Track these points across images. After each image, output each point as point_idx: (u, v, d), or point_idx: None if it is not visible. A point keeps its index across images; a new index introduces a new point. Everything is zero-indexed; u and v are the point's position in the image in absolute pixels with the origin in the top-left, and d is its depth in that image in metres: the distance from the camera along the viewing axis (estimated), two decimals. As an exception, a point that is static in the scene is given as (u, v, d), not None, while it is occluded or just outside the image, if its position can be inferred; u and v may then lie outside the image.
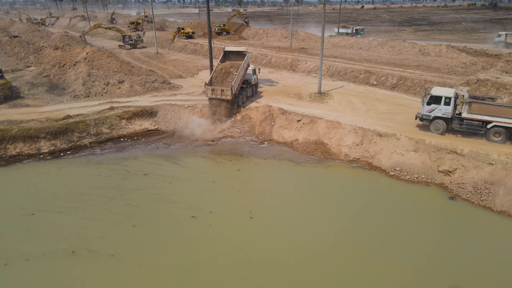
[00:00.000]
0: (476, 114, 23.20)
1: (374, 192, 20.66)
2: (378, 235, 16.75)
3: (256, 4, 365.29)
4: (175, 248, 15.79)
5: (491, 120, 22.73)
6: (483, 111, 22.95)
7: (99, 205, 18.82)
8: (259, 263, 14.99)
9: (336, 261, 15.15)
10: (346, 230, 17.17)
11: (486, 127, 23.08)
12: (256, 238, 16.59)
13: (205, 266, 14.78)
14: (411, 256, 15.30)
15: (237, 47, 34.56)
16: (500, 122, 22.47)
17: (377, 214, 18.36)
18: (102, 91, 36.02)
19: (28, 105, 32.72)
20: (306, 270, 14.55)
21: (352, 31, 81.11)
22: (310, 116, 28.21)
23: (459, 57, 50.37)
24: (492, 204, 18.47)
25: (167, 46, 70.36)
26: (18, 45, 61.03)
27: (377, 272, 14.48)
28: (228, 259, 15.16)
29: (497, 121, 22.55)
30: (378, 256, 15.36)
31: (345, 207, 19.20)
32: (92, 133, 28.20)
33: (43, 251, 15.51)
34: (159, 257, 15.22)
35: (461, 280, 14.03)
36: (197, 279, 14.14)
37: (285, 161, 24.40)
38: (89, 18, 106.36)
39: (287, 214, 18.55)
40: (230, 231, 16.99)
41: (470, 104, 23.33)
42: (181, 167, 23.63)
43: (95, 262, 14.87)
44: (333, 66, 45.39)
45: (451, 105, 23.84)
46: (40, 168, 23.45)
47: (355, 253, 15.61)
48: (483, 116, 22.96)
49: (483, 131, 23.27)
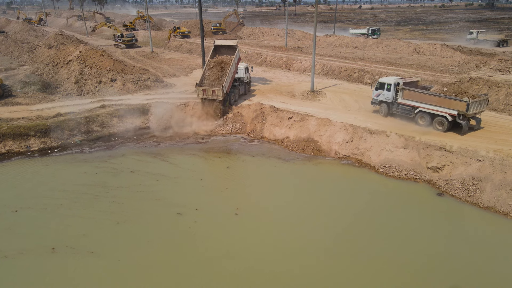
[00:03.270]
0: (407, 100, 25.80)
1: (363, 189, 20.61)
2: (365, 232, 16.68)
3: (254, 4, 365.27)
4: (157, 245, 15.70)
5: (417, 105, 25.14)
6: (412, 97, 25.50)
7: (84, 202, 18.72)
8: (240, 258, 14.91)
9: (321, 257, 15.07)
10: (333, 227, 17.11)
11: (414, 112, 25.42)
12: (240, 234, 16.51)
13: (184, 262, 14.71)
14: (398, 253, 15.23)
15: (228, 41, 34.30)
16: (424, 108, 24.74)
17: (364, 211, 18.29)
18: (94, 89, 35.91)
19: (19, 103, 32.58)
20: (289, 265, 14.48)
21: (367, 31, 76.65)
22: (302, 114, 28.16)
23: (453, 55, 50.45)
24: (479, 200, 18.43)
25: (163, 46, 70.27)
26: (12, 44, 60.87)
27: (363, 267, 14.41)
28: (209, 255, 15.07)
29: (422, 107, 24.85)
30: (365, 252, 15.27)
31: (333, 204, 19.14)
32: (83, 131, 28.09)
33: (23, 248, 15.39)
34: (140, 253, 15.13)
35: (447, 275, 13.97)
36: (174, 274, 14.08)
37: (274, 158, 24.33)
38: (86, 17, 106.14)
39: (274, 210, 18.47)
40: (214, 228, 16.89)
41: (403, 91, 25.94)
42: (169, 164, 23.53)
43: (74, 259, 14.76)
44: (327, 65, 45.39)
45: (391, 91, 26.79)
46: (28, 165, 23.33)
47: (341, 249, 15.55)
48: (412, 102, 25.50)
49: (412, 115, 25.66)
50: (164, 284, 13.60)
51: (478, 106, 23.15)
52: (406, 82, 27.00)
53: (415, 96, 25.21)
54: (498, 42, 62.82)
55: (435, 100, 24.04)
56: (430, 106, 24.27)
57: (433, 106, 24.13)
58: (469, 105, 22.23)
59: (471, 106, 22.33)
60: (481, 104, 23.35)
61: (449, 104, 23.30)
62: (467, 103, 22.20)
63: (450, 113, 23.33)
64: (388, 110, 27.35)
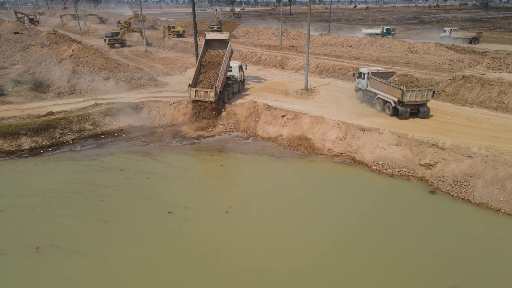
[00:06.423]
0: (372, 88, 29.06)
1: (355, 186, 20.57)
2: (358, 229, 16.61)
3: (249, 4, 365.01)
4: (146, 243, 15.52)
5: (377, 92, 28.42)
6: (374, 85, 28.82)
7: (72, 201, 18.48)
8: (231, 256, 14.78)
9: (313, 255, 14.97)
10: (325, 225, 17.01)
11: (375, 98, 28.73)
12: (231, 232, 16.37)
13: (173, 260, 14.55)
14: (389, 250, 15.19)
15: (219, 35, 33.65)
16: (380, 95, 28.01)
17: (357, 209, 18.23)
18: (87, 88, 35.59)
19: (10, 102, 32.22)
20: (279, 263, 14.38)
21: (382, 31, 75.67)
22: (295, 112, 28.09)
23: (447, 54, 50.69)
24: (471, 196, 18.46)
25: (158, 45, 69.94)
26: (5, 43, 60.23)
27: (353, 264, 14.36)
28: (199, 253, 14.93)
29: (379, 94, 28.12)
30: (356, 249, 15.22)
31: (325, 202, 19.06)
32: (75, 129, 27.82)
33: (5, 248, 15.12)
34: (127, 252, 14.94)
35: (440, 271, 13.95)
36: (163, 273, 13.91)
37: (267, 156, 24.23)
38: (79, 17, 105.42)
39: (265, 208, 18.33)
40: (205, 226, 16.74)
41: (370, 79, 29.36)
42: (160, 162, 23.32)
43: (57, 258, 14.53)
44: (322, 63, 45.40)
45: (365, 80, 30.00)
46: (16, 164, 23.01)
47: (332, 247, 15.48)
48: (374, 89, 28.80)
49: (374, 102, 29.03)
50: (152, 282, 13.44)
51: (417, 95, 25.69)
52: (375, 72, 29.98)
53: (376, 85, 28.58)
54: (470, 39, 65.13)
55: (386, 88, 27.37)
56: (383, 93, 27.65)
57: (385, 93, 27.48)
58: (404, 93, 25.28)
59: (405, 94, 25.34)
60: (422, 93, 25.77)
61: (393, 92, 26.51)
62: (402, 91, 25.26)
63: (393, 100, 26.56)
64: (363, 97, 30.81)
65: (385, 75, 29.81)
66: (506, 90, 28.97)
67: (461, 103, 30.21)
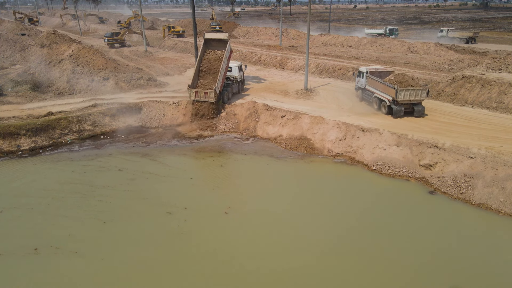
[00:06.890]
0: (370, 87, 29.53)
1: (355, 187, 20.53)
2: (357, 230, 16.57)
3: (249, 4, 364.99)
4: (145, 244, 15.49)
5: (374, 91, 28.80)
6: (372, 84, 29.30)
7: (71, 202, 18.44)
8: (230, 257, 14.76)
9: (313, 255, 14.94)
10: (324, 225, 16.98)
11: (372, 97, 29.19)
12: (230, 233, 16.34)
13: (172, 261, 14.52)
14: (389, 250, 15.17)
15: (218, 34, 33.57)
16: (377, 94, 28.40)
17: (357, 209, 18.19)
18: (86, 88, 35.58)
19: (10, 103, 32.19)
20: (278, 264, 14.36)
21: (385, 31, 75.09)
22: (295, 112, 28.05)
23: (447, 54, 50.65)
24: (471, 197, 18.43)
25: (158, 45, 69.88)
26: (4, 43, 60.23)
27: (354, 264, 14.33)
28: (198, 253, 14.90)
29: (376, 93, 28.52)
30: (356, 250, 15.19)
31: (325, 202, 19.02)
32: (74, 130, 27.81)
33: (3, 249, 15.08)
34: (126, 253, 14.91)
35: (440, 271, 13.93)
36: (162, 273, 13.88)
37: (267, 156, 24.20)
38: (79, 17, 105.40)
39: (264, 209, 18.28)
40: (204, 227, 16.71)
41: (368, 78, 29.84)
42: (159, 163, 23.28)
43: (56, 259, 14.50)
44: (322, 63, 45.35)
45: (363, 78, 30.54)
46: (16, 165, 22.98)
47: (332, 247, 15.45)
48: (372, 88, 29.23)
49: (371, 100, 29.44)
50: (151, 283, 13.41)
51: (412, 94, 26.01)
52: (373, 71, 30.31)
53: (373, 84, 28.99)
54: (466, 39, 65.39)
55: (382, 87, 27.71)
56: (380, 92, 28.02)
57: (381, 92, 27.85)
58: (398, 92, 25.65)
59: (399, 93, 25.69)
60: (416, 93, 26.05)
61: (388, 91, 26.87)
62: (396, 90, 25.61)
63: (388, 98, 26.91)
64: (362, 96, 31.28)
65: (383, 74, 30.05)
66: (506, 90, 28.93)
67: (461, 103, 30.18)
